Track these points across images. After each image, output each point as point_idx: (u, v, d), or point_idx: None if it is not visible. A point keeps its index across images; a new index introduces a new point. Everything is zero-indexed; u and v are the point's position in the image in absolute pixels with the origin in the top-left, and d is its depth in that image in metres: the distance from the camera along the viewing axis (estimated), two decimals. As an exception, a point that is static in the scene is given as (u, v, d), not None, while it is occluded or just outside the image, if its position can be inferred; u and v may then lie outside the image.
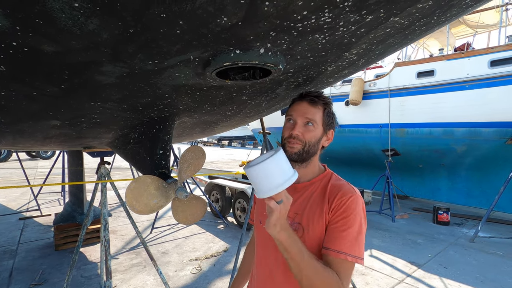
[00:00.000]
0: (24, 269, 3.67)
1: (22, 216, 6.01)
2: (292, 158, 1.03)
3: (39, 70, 0.92)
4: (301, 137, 1.00)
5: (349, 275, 0.88)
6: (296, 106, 1.05)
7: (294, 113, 1.03)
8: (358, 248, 0.90)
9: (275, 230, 0.81)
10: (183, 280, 3.48)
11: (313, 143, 1.03)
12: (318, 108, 1.03)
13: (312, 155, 1.05)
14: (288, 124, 1.05)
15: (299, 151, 1.01)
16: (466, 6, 0.90)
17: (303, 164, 1.05)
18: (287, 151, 1.03)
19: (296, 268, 0.84)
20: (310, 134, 1.02)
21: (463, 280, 3.56)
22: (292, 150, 1.01)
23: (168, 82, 1.09)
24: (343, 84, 8.29)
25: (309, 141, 1.01)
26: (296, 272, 0.85)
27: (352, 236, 0.90)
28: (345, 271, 0.88)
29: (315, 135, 1.03)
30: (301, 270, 0.84)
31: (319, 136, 1.04)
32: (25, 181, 7.29)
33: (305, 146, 1.01)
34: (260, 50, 0.86)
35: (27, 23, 0.67)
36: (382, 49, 1.12)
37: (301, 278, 0.84)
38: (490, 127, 6.01)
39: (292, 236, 0.84)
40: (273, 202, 0.80)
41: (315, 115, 1.02)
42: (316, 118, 1.02)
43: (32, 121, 1.45)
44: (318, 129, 1.03)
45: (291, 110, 1.06)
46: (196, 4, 0.65)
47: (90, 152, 2.94)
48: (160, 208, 1.53)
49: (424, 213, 6.79)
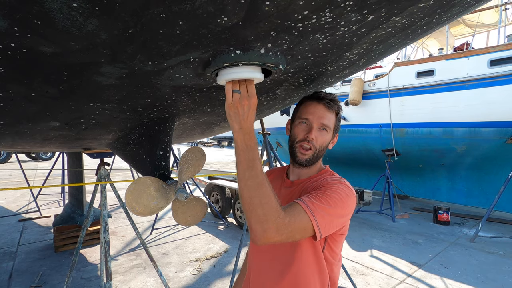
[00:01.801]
0: (23, 271, 3.65)
1: (21, 217, 5.99)
2: (302, 164, 1.03)
3: (37, 71, 0.91)
4: (315, 142, 1.00)
5: (296, 220, 0.78)
6: (312, 108, 1.02)
7: (311, 117, 1.01)
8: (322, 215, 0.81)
9: (230, 119, 0.80)
10: (184, 281, 3.47)
11: (323, 148, 1.03)
12: (333, 113, 1.03)
13: (319, 158, 1.05)
14: (303, 126, 1.03)
15: (310, 157, 1.01)
16: (468, 6, 0.90)
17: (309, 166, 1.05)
18: (297, 157, 1.02)
19: (241, 174, 0.78)
20: (323, 139, 1.01)
21: (464, 280, 3.55)
22: (303, 157, 1.01)
23: (168, 83, 1.08)
24: (343, 84, 8.29)
25: (321, 146, 1.02)
26: (240, 178, 0.79)
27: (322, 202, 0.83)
28: (294, 212, 0.78)
29: (327, 139, 1.03)
30: (244, 179, 0.77)
31: (329, 140, 1.04)
32: (24, 183, 7.28)
33: (315, 152, 1.01)
34: (260, 51, 0.85)
35: (25, 24, 0.67)
36: (383, 49, 1.11)
37: (243, 188, 0.78)
38: (490, 126, 6.01)
39: (249, 139, 0.79)
40: (229, 86, 0.82)
41: (330, 121, 1.02)
42: (330, 124, 1.02)
43: (31, 122, 1.44)
44: (330, 134, 1.03)
45: (306, 113, 1.03)
46: (196, 4, 0.64)
47: (89, 154, 2.93)
48: (160, 210, 1.52)
49: (425, 213, 6.78)
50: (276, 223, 0.75)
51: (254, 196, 0.76)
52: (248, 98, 0.80)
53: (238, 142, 0.80)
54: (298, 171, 1.08)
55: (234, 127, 0.80)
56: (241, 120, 0.79)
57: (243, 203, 0.78)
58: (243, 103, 0.79)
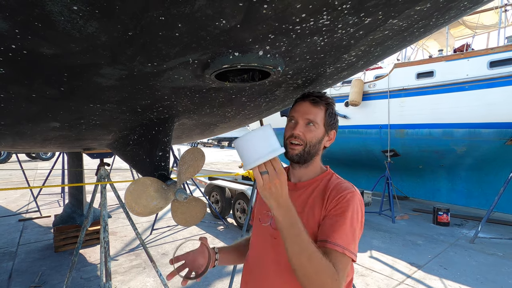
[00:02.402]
0: (23, 270, 3.66)
1: (21, 217, 6.00)
2: (293, 160, 1.04)
3: (38, 73, 0.92)
4: (302, 137, 1.01)
5: (345, 269, 0.85)
6: (298, 106, 1.04)
7: (296, 114, 1.03)
8: (354, 244, 0.89)
9: (267, 200, 0.80)
10: (183, 281, 3.46)
11: (314, 143, 1.02)
12: (320, 108, 1.03)
13: (313, 155, 1.05)
14: (290, 124, 1.05)
15: (300, 152, 1.01)
16: (465, 8, 0.91)
17: (304, 164, 1.05)
18: (288, 153, 1.03)
19: (291, 251, 0.81)
20: (311, 134, 1.01)
21: (463, 281, 3.55)
22: (293, 152, 1.02)
23: (167, 84, 1.09)
24: (343, 85, 8.30)
25: (310, 141, 1.01)
26: (291, 255, 0.82)
27: (349, 231, 0.89)
28: (341, 265, 0.85)
29: (316, 135, 1.03)
30: (295, 254, 0.81)
31: (320, 137, 1.04)
32: (25, 183, 7.29)
33: (306, 147, 1.01)
34: (259, 53, 0.86)
35: (26, 26, 0.67)
36: (381, 51, 1.12)
37: (295, 263, 0.81)
38: (489, 127, 6.01)
39: (289, 215, 0.81)
40: (256, 171, 0.80)
41: (316, 116, 1.02)
42: (317, 119, 1.02)
43: (32, 123, 1.45)
44: (319, 129, 1.03)
45: (293, 111, 1.05)
46: (195, 7, 0.65)
47: (89, 154, 2.94)
48: (160, 210, 1.53)
49: (424, 214, 6.78)
50: (333, 285, 0.80)
51: (308, 267, 0.81)
52: (278, 175, 0.80)
53: (280, 220, 0.82)
54: (297, 173, 1.08)
55: (272, 205, 0.81)
56: (277, 198, 0.80)
57: (299, 276, 0.82)
58: (274, 182, 0.79)
